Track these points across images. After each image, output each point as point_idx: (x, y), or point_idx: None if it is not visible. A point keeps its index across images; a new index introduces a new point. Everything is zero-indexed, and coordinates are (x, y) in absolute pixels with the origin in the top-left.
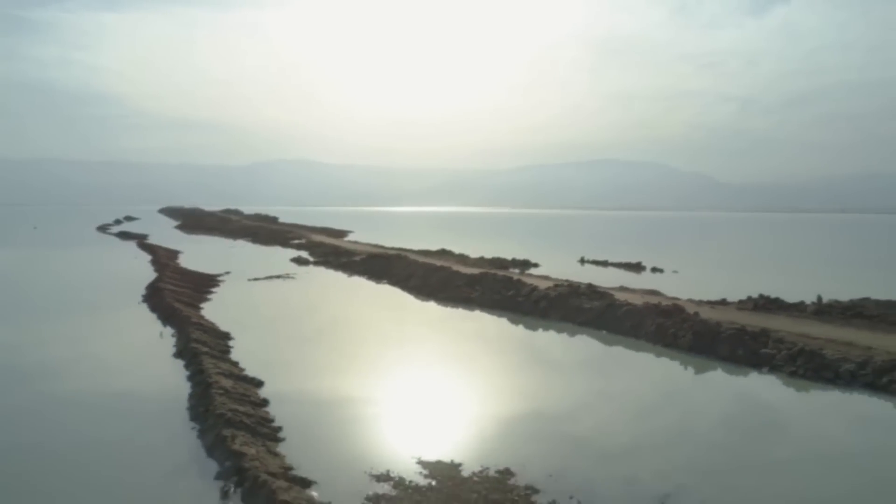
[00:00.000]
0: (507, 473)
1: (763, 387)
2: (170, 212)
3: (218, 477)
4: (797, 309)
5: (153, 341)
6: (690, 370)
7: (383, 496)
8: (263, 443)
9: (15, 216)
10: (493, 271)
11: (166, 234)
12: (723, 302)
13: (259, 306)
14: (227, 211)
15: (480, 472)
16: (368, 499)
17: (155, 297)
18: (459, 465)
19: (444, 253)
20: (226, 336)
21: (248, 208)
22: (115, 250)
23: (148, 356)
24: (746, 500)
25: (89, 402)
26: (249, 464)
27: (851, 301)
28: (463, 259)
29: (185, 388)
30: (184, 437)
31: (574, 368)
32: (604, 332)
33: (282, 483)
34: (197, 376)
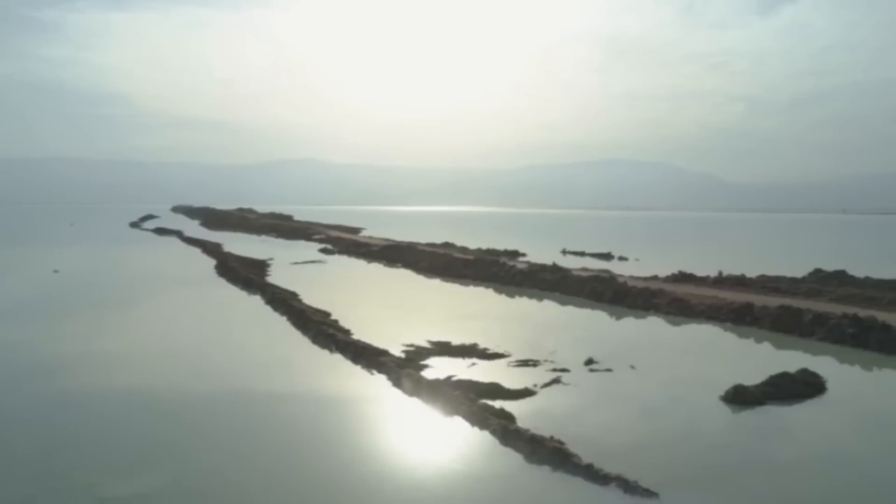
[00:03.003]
0: (476, 345)
1: (647, 321)
2: (185, 210)
3: (323, 347)
4: (703, 280)
5: (244, 299)
6: (605, 313)
7: (409, 350)
8: (343, 333)
9: (32, 214)
10: (484, 257)
11: (194, 231)
12: (654, 277)
13: (308, 278)
14: (241, 209)
15: (460, 343)
16: (403, 350)
17: (230, 273)
18: (449, 341)
19: (447, 245)
20: (294, 294)
21: (260, 207)
22: (162, 244)
23: (248, 306)
24: (614, 357)
25: (230, 331)
26: (340, 338)
27: (743, 275)
28: (463, 250)
29: (282, 318)
30: (295, 336)
31: (530, 310)
32: (557, 293)
33: (359, 342)
34: (291, 310)
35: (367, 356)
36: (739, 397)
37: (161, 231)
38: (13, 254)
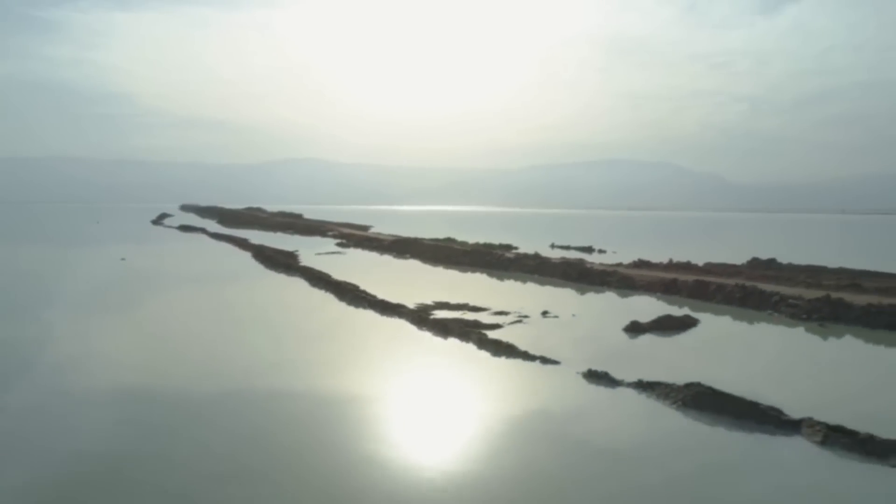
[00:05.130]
0: (467, 303)
1: (601, 293)
2: (195, 209)
3: (357, 306)
4: (656, 266)
5: (288, 280)
6: (574, 291)
7: (419, 305)
8: (371, 296)
9: (43, 214)
10: (480, 249)
11: (214, 228)
12: (619, 264)
13: (334, 265)
14: (251, 209)
15: (456, 302)
16: (415, 306)
17: (270, 260)
18: (448, 301)
19: (448, 240)
20: (327, 275)
21: (265, 207)
22: (192, 240)
23: (294, 284)
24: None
25: (287, 300)
26: (370, 299)
27: (689, 262)
28: (462, 244)
29: (322, 291)
30: (335, 302)
31: (512, 285)
32: (537, 275)
33: (384, 301)
34: (329, 284)
35: (391, 308)
36: (633, 328)
37: (185, 228)
38: (71, 248)
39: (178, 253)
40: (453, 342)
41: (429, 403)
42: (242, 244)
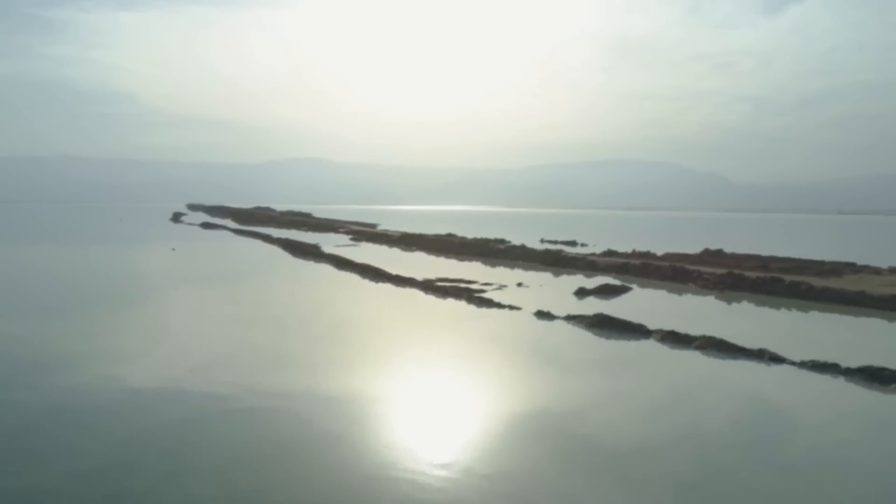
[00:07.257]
0: (462, 278)
1: (569, 274)
2: (203, 209)
3: (377, 281)
4: (622, 254)
5: (316, 265)
6: (549, 273)
7: (425, 279)
8: (388, 273)
9: (51, 213)
10: (477, 242)
11: (231, 226)
12: (592, 254)
13: (352, 254)
14: (260, 208)
15: (452, 278)
16: (422, 279)
17: (299, 250)
18: (447, 277)
19: (450, 236)
20: (350, 260)
21: (274, 206)
22: (218, 236)
23: (322, 268)
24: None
25: (321, 279)
26: (387, 274)
27: (649, 251)
28: (461, 239)
29: (346, 272)
30: (359, 279)
31: (500, 269)
32: (521, 261)
33: (398, 275)
34: (354, 266)
35: (404, 281)
36: (580, 292)
37: (207, 225)
38: (121, 243)
39: (216, 246)
40: (450, 300)
41: (433, 334)
42: (267, 238)
